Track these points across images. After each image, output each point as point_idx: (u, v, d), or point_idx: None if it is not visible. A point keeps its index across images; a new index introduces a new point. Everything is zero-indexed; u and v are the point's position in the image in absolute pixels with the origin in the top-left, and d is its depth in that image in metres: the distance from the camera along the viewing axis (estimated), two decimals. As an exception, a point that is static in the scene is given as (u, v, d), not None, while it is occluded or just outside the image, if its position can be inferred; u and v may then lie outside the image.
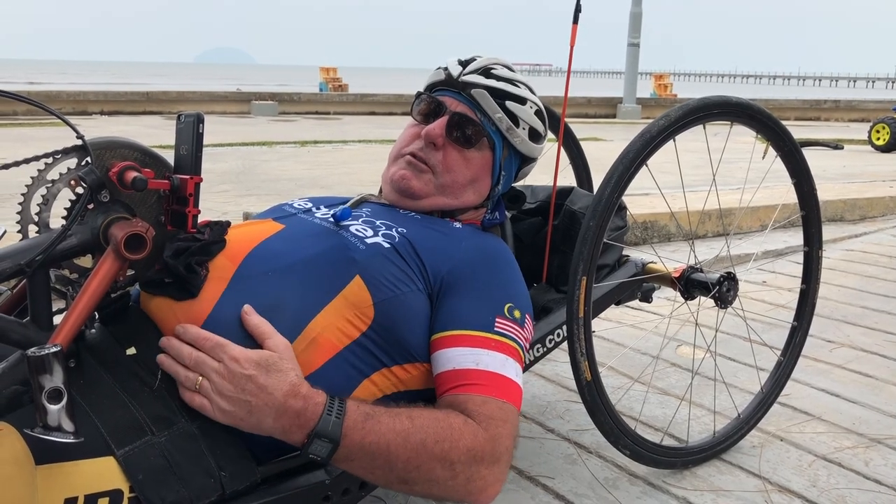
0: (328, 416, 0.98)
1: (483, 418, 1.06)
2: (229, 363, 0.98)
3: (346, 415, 0.99)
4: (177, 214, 1.04)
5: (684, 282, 1.61)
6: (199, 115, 1.02)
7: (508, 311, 1.17)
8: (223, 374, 0.97)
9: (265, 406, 0.97)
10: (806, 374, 2.11)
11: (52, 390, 0.85)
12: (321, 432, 0.97)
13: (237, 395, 0.97)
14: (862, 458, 1.65)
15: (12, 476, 0.85)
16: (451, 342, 1.12)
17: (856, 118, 15.82)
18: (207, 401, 0.98)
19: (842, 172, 6.17)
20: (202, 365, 0.98)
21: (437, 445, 1.01)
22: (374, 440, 0.99)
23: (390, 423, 1.01)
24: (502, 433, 1.06)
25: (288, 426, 0.98)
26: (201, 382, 0.98)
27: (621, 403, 1.87)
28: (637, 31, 14.56)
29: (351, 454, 0.99)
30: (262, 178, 5.21)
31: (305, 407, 0.98)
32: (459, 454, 1.02)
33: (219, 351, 0.99)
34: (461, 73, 1.36)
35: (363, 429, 0.99)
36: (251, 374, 0.97)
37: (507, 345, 1.14)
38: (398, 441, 1.00)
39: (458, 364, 1.11)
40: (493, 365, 1.11)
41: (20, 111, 11.45)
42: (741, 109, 1.47)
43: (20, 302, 1.08)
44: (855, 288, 3.06)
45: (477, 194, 1.38)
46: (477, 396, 1.08)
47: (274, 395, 0.97)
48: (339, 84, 17.97)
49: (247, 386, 0.97)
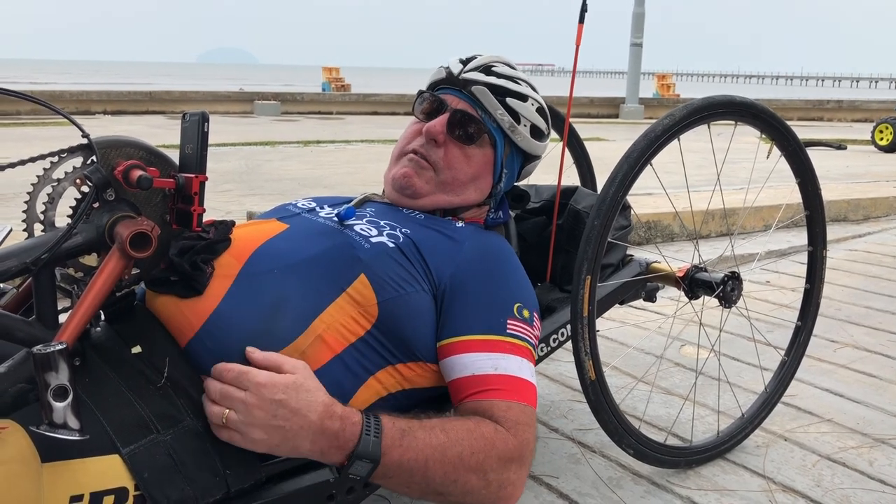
0: (367, 436, 0.98)
1: (511, 424, 1.07)
2: (257, 390, 0.95)
3: (384, 433, 0.99)
4: (182, 213, 1.04)
5: (688, 281, 1.61)
6: (203, 114, 1.02)
7: (518, 311, 1.18)
8: (252, 403, 0.94)
9: (301, 430, 0.96)
10: (810, 374, 2.10)
11: (58, 388, 0.85)
12: (362, 453, 0.97)
13: (270, 421, 0.95)
14: (866, 458, 1.65)
15: (18, 474, 0.85)
16: (466, 347, 1.13)
17: (859, 118, 15.79)
18: (237, 433, 0.95)
19: (845, 173, 6.16)
20: (228, 397, 0.96)
21: (473, 457, 1.02)
22: (413, 457, 0.99)
23: (426, 437, 1.01)
24: (528, 437, 1.08)
25: (326, 448, 0.97)
26: (227, 415, 0.95)
27: (625, 403, 1.87)
28: (640, 31, 14.55)
29: (389, 472, 0.99)
30: (265, 177, 5.21)
31: (343, 427, 0.97)
32: (493, 463, 1.04)
33: (243, 379, 0.96)
34: (462, 70, 1.37)
35: (401, 446, 0.99)
36: (281, 398, 0.95)
37: (521, 346, 1.15)
38: (436, 456, 1.00)
39: (476, 370, 1.11)
40: (511, 368, 1.12)
41: (24, 111, 11.46)
42: (745, 109, 1.46)
43: (26, 300, 1.09)
44: (859, 288, 3.06)
45: (478, 192, 1.38)
46: (501, 402, 1.09)
47: (309, 418, 0.96)
48: (341, 84, 17.98)
49: (279, 411, 0.95)
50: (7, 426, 0.89)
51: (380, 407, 1.14)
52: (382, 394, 1.14)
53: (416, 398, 1.18)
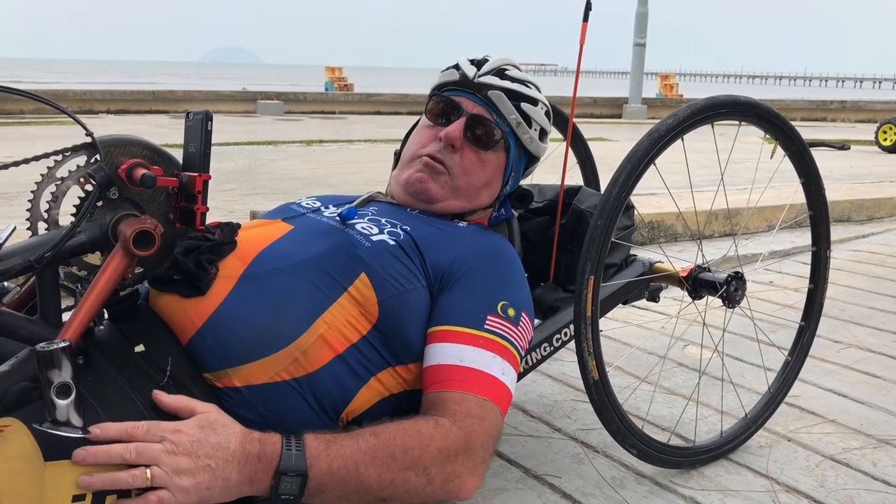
0: (288, 451, 0.94)
1: (459, 416, 1.04)
2: (173, 436, 0.91)
3: (306, 446, 0.96)
4: (185, 212, 1.04)
5: (692, 281, 1.60)
6: (207, 113, 1.02)
7: (502, 310, 1.16)
8: (173, 451, 0.90)
9: (226, 462, 0.92)
10: (813, 374, 2.10)
11: (61, 385, 0.85)
12: (286, 468, 0.93)
13: (195, 463, 0.91)
14: (870, 459, 1.65)
15: (21, 472, 0.85)
16: (440, 337, 1.12)
17: (862, 119, 15.77)
18: (166, 490, 0.89)
19: (849, 173, 6.15)
20: (146, 453, 0.90)
21: (407, 455, 0.99)
22: (342, 464, 0.96)
23: (353, 444, 0.98)
24: (476, 430, 1.04)
25: (253, 473, 0.93)
26: (152, 472, 0.89)
27: (628, 403, 1.87)
28: (643, 31, 14.53)
29: (322, 485, 0.95)
30: (268, 177, 5.22)
31: (263, 448, 0.94)
32: (432, 457, 1.00)
33: (155, 430, 0.92)
34: (476, 74, 1.36)
35: (328, 455, 0.95)
36: (199, 437, 0.92)
37: (497, 343, 1.13)
38: (366, 459, 0.97)
39: (442, 360, 1.10)
40: (478, 362, 1.10)
41: (27, 110, 11.48)
42: (750, 109, 1.46)
43: (29, 299, 1.09)
44: (862, 288, 3.05)
45: (489, 196, 1.39)
46: (456, 393, 1.07)
47: (230, 448, 0.93)
48: (344, 84, 17.98)
49: (200, 451, 0.91)
50: (10, 424, 0.89)
51: (382, 408, 1.14)
52: (384, 394, 1.14)
53: (418, 400, 1.18)
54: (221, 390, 1.05)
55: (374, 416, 1.12)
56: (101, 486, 0.88)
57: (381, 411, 1.13)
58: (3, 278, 0.92)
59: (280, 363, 1.05)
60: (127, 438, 0.90)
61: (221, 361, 1.04)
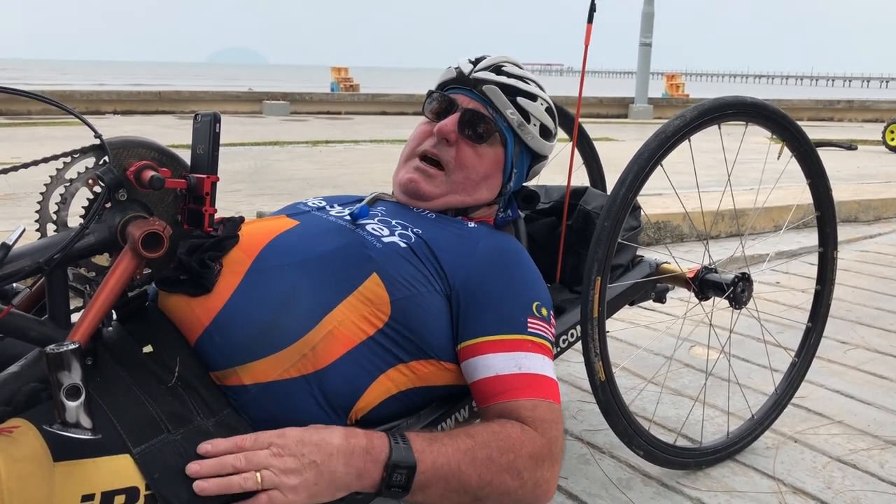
0: (397, 444, 0.98)
1: (538, 423, 1.08)
2: (278, 440, 0.96)
3: (411, 440, 1.00)
4: (193, 213, 1.04)
5: (699, 282, 1.60)
6: (215, 114, 1.03)
7: (537, 310, 1.19)
8: (279, 453, 0.95)
9: (331, 457, 0.96)
10: (820, 375, 2.10)
11: (71, 387, 0.86)
12: (397, 460, 0.97)
13: (301, 462, 0.95)
14: (877, 460, 1.64)
15: (31, 473, 0.85)
16: (488, 348, 1.13)
17: (869, 118, 15.70)
18: (276, 490, 0.94)
19: (856, 173, 6.13)
20: (254, 459, 0.94)
21: (504, 457, 1.03)
22: (445, 461, 0.99)
23: (453, 443, 1.01)
24: (557, 435, 1.09)
25: (362, 466, 0.97)
26: (263, 475, 0.94)
27: (635, 404, 1.86)
28: (649, 31, 14.50)
29: (427, 480, 0.99)
30: (274, 177, 5.23)
31: (370, 441, 0.98)
32: (525, 462, 1.04)
33: (262, 438, 0.97)
34: (472, 70, 1.37)
35: (432, 452, 0.99)
36: (303, 437, 0.97)
37: (542, 344, 1.16)
38: (466, 459, 1.01)
39: (499, 370, 1.12)
40: (534, 367, 1.13)
41: (35, 111, 11.52)
42: (756, 110, 1.46)
43: (38, 300, 1.09)
44: (869, 289, 3.04)
45: (490, 191, 1.38)
46: (527, 402, 1.10)
47: (333, 443, 0.97)
48: (350, 84, 17.98)
49: (304, 449, 0.96)
50: (20, 425, 0.90)
51: (389, 406, 1.14)
52: (393, 391, 1.14)
53: (428, 397, 1.18)
54: (230, 389, 1.05)
55: (381, 415, 1.13)
56: (216, 491, 0.92)
57: (389, 410, 1.14)
58: (12, 280, 0.93)
59: (289, 360, 1.05)
60: (237, 450, 0.95)
61: (229, 359, 1.05)
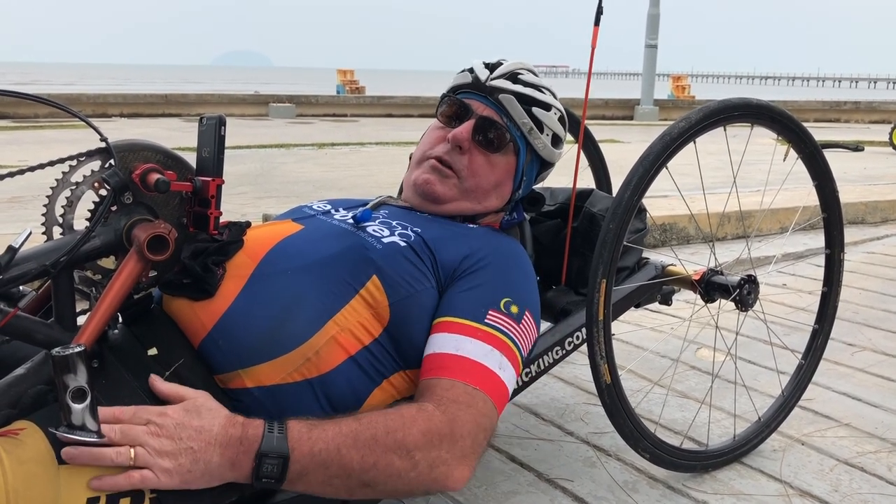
0: (270, 434, 0.95)
1: (446, 402, 1.03)
2: (158, 419, 0.93)
3: (289, 429, 0.96)
4: (199, 216, 1.04)
5: (705, 284, 1.60)
6: (221, 117, 1.03)
7: (504, 306, 1.16)
8: (156, 433, 0.92)
9: (208, 445, 0.93)
10: (827, 377, 2.09)
11: (76, 389, 0.86)
12: (266, 450, 0.93)
13: (178, 445, 0.92)
14: (885, 463, 1.63)
15: (36, 475, 0.86)
16: (440, 328, 1.12)
17: (876, 119, 15.65)
18: (148, 469, 0.91)
19: (863, 174, 6.11)
20: (129, 433, 0.91)
21: (389, 436, 0.98)
22: (323, 447, 0.95)
23: (336, 427, 0.97)
24: (462, 416, 1.03)
25: (234, 456, 0.94)
26: (136, 452, 0.90)
27: (641, 406, 1.86)
28: (655, 33, 14.48)
29: (304, 469, 0.95)
30: (280, 180, 5.23)
31: (245, 431, 0.95)
32: (415, 439, 0.98)
33: (142, 414, 0.93)
34: (489, 77, 1.36)
35: (310, 439, 0.95)
36: (183, 420, 0.94)
37: (496, 337, 1.12)
38: (348, 442, 0.96)
39: (438, 348, 1.10)
40: (474, 353, 1.09)
41: (41, 114, 11.56)
42: (762, 111, 1.46)
43: (45, 303, 1.09)
44: (877, 291, 3.03)
45: (500, 199, 1.39)
46: (446, 381, 1.06)
47: (213, 431, 0.94)
48: (356, 86, 18.00)
49: (183, 433, 0.93)
50: (26, 427, 0.90)
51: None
52: (396, 397, 1.14)
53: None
54: (233, 392, 1.05)
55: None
56: (86, 461, 0.89)
57: None
58: (19, 283, 0.93)
59: (292, 363, 1.06)
60: (114, 421, 0.92)
61: (233, 362, 1.05)
